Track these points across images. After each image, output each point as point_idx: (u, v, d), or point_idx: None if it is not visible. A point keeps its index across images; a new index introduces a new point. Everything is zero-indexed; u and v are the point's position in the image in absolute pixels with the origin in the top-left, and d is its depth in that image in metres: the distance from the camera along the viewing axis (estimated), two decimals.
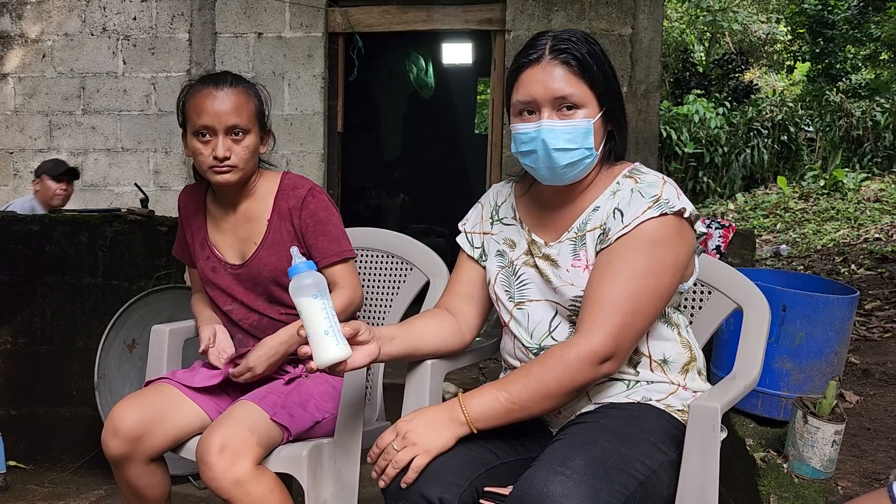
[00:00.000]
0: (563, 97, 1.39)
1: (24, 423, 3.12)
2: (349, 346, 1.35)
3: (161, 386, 1.85)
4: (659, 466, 1.33)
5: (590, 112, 1.40)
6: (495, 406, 1.35)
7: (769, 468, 1.97)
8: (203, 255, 1.96)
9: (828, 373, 2.19)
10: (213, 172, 1.82)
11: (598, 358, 1.33)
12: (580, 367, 1.33)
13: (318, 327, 1.33)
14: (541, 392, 1.34)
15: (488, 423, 1.36)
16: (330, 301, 1.35)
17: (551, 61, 1.40)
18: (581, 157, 1.41)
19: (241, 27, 4.09)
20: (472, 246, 1.63)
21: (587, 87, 1.40)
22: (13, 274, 3.08)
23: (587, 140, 1.40)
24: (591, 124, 1.40)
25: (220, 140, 1.79)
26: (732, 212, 9.17)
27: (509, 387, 1.36)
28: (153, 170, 4.22)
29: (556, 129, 1.39)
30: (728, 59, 11.60)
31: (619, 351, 1.35)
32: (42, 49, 4.23)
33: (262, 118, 1.89)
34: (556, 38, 1.42)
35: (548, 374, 1.34)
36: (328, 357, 1.32)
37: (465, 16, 4.10)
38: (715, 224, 2.92)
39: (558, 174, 1.42)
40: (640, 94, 3.94)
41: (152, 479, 1.81)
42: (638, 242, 1.37)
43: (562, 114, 1.40)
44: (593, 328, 1.34)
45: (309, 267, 1.36)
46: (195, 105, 1.81)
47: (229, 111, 1.79)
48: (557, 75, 1.39)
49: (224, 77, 1.85)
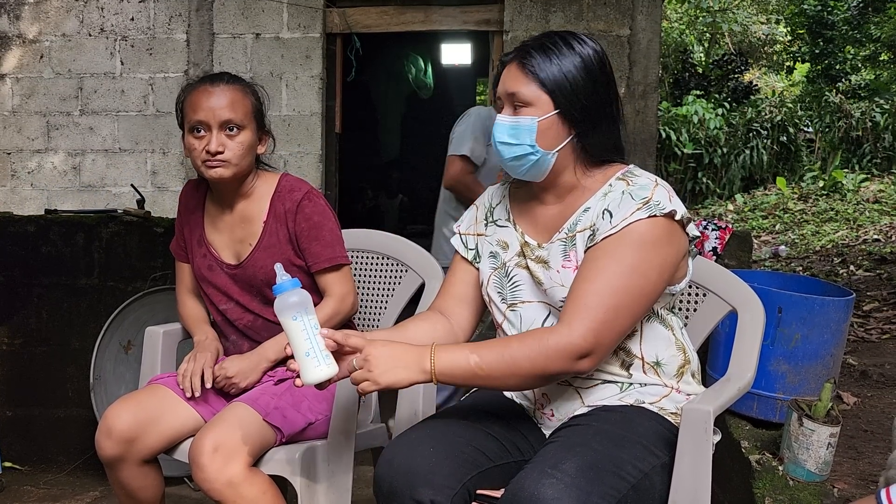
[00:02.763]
0: (512, 94, 1.43)
1: (19, 425, 3.12)
2: (334, 361, 1.35)
3: (155, 387, 1.85)
4: (651, 470, 1.33)
5: (537, 111, 1.41)
6: (462, 365, 1.34)
7: (764, 470, 1.96)
8: (200, 252, 1.95)
9: (823, 375, 2.19)
10: (206, 167, 1.82)
11: (577, 352, 1.32)
12: (556, 355, 1.32)
13: (300, 349, 1.33)
14: (510, 367, 1.33)
15: (450, 380, 1.36)
16: (312, 319, 1.35)
17: (512, 60, 1.45)
18: (524, 153, 1.43)
19: (238, 28, 4.08)
20: (467, 247, 1.63)
21: (537, 87, 1.41)
22: (9, 274, 3.08)
23: (529, 137, 1.42)
24: (535, 122, 1.41)
25: (213, 135, 1.79)
26: (731, 212, 9.17)
27: (482, 352, 1.34)
28: (151, 170, 4.21)
29: (501, 124, 1.44)
30: (727, 60, 11.59)
31: (598, 348, 1.34)
32: (40, 49, 4.22)
33: (260, 117, 1.89)
34: (529, 40, 1.47)
35: (523, 353, 1.33)
36: (310, 378, 1.33)
37: (463, 16, 4.09)
38: (711, 225, 2.92)
39: (510, 167, 1.47)
40: (639, 95, 3.93)
41: (146, 480, 1.80)
42: (626, 241, 1.36)
43: (515, 111, 1.43)
44: (574, 321, 1.33)
45: (293, 285, 1.36)
46: (191, 102, 1.82)
47: (223, 106, 1.80)
48: (512, 74, 1.44)
49: (221, 76, 1.87)
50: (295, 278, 1.37)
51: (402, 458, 1.35)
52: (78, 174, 4.23)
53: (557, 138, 1.43)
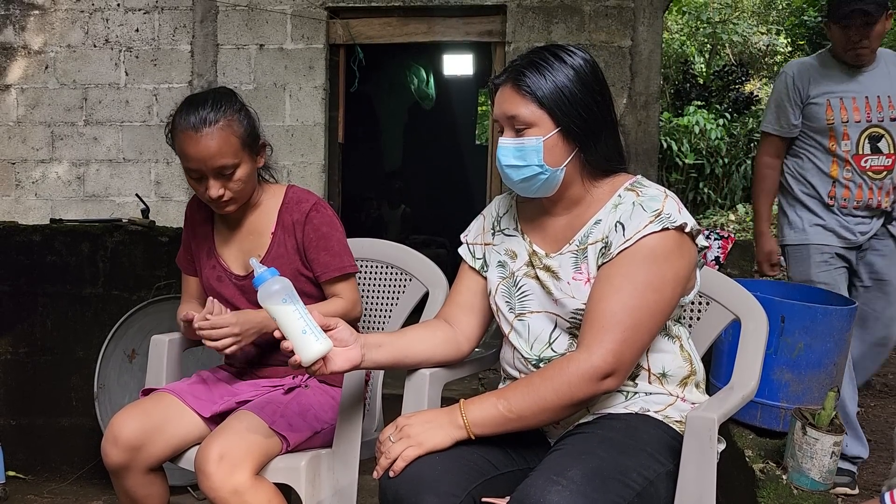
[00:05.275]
0: (512, 117, 1.43)
1: (23, 434, 3.12)
2: (328, 338, 1.39)
3: (161, 395, 1.85)
4: (656, 477, 1.33)
5: (541, 130, 1.42)
6: (494, 414, 1.36)
7: (768, 479, 1.97)
8: (209, 264, 1.96)
9: (827, 384, 2.19)
10: (212, 206, 1.85)
11: (599, 374, 1.34)
12: (579, 381, 1.33)
13: (295, 329, 1.36)
14: (539, 404, 1.35)
15: (485, 430, 1.37)
16: (300, 302, 1.38)
17: (505, 82, 1.46)
18: (534, 174, 1.43)
19: (242, 39, 4.11)
20: (474, 257, 1.64)
21: (536, 107, 1.42)
22: (14, 284, 3.09)
23: (537, 157, 1.42)
24: (541, 143, 1.42)
25: (210, 182, 1.79)
26: (733, 223, 9.16)
27: (509, 396, 1.37)
28: (154, 180, 4.23)
29: (507, 147, 1.45)
30: (728, 71, 11.60)
31: (621, 367, 1.36)
32: (45, 60, 4.25)
33: (253, 141, 1.84)
34: (517, 58, 1.47)
35: (547, 387, 1.35)
36: (312, 353, 1.36)
37: (465, 28, 4.12)
38: (714, 235, 2.93)
39: (520, 188, 1.48)
40: (640, 106, 3.95)
41: (151, 489, 1.81)
42: (639, 257, 1.37)
43: (518, 133, 1.44)
44: (594, 344, 1.34)
45: (272, 273, 1.39)
46: (180, 147, 1.79)
47: (213, 155, 1.75)
48: (509, 97, 1.44)
49: (203, 111, 1.76)
50: (272, 268, 1.41)
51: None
52: (82, 184, 4.25)
53: (563, 154, 1.44)
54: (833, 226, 2.54)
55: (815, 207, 2.57)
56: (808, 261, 2.57)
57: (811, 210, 2.58)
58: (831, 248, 2.54)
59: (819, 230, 2.56)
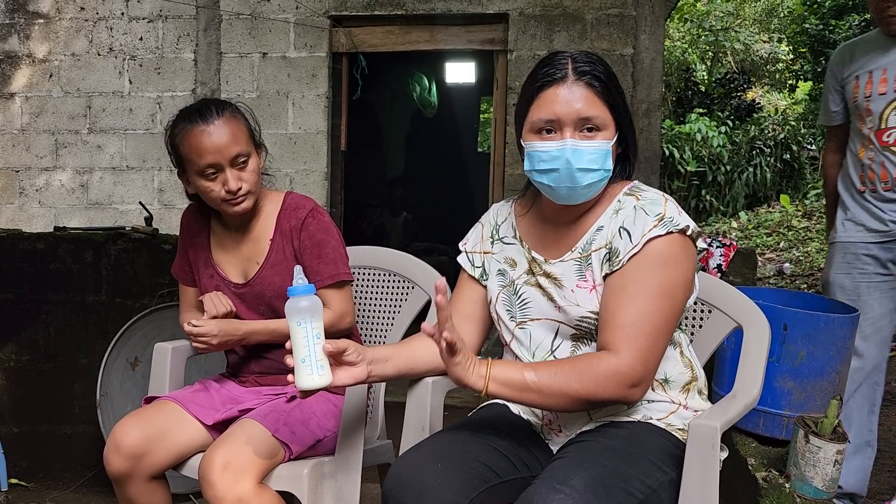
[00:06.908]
0: (586, 118, 1.39)
1: (26, 441, 3.12)
2: (329, 372, 1.36)
3: (163, 403, 1.86)
4: (659, 485, 1.33)
5: (608, 134, 1.42)
6: (517, 378, 1.34)
7: (771, 488, 1.96)
8: (207, 273, 1.97)
9: (829, 392, 2.19)
10: (228, 205, 1.82)
11: (629, 381, 1.33)
12: (607, 381, 1.33)
13: (297, 354, 1.36)
14: (562, 388, 1.33)
15: (501, 391, 1.35)
16: (317, 328, 1.36)
17: (576, 82, 1.40)
18: (600, 179, 1.42)
19: (245, 47, 4.13)
20: (473, 265, 1.64)
21: (608, 110, 1.41)
22: (17, 291, 3.10)
23: (607, 162, 1.41)
24: (610, 146, 1.41)
25: (227, 174, 1.79)
26: (735, 230, 9.16)
27: (538, 369, 1.36)
28: (158, 188, 4.24)
29: (580, 150, 1.39)
30: (730, 78, 11.63)
31: (647, 375, 1.36)
32: (49, 69, 4.27)
33: (255, 135, 1.90)
34: (577, 59, 1.42)
35: (575, 376, 1.34)
36: (301, 384, 1.36)
37: (467, 36, 4.14)
38: (716, 243, 2.93)
39: (577, 194, 1.43)
40: (642, 114, 3.97)
41: (153, 497, 1.81)
42: (650, 263, 1.38)
43: (583, 135, 1.40)
44: (621, 348, 1.34)
45: (308, 291, 1.38)
46: (192, 146, 1.78)
47: (229, 143, 1.78)
48: (582, 96, 1.39)
49: (208, 109, 1.81)
50: (311, 284, 1.39)
51: (410, 474, 1.35)
52: (86, 192, 4.27)
53: (613, 160, 1.44)
54: (861, 218, 2.39)
55: (847, 200, 2.43)
56: (831, 260, 2.46)
57: (844, 204, 2.44)
58: (857, 245, 2.39)
59: (847, 225, 2.42)
